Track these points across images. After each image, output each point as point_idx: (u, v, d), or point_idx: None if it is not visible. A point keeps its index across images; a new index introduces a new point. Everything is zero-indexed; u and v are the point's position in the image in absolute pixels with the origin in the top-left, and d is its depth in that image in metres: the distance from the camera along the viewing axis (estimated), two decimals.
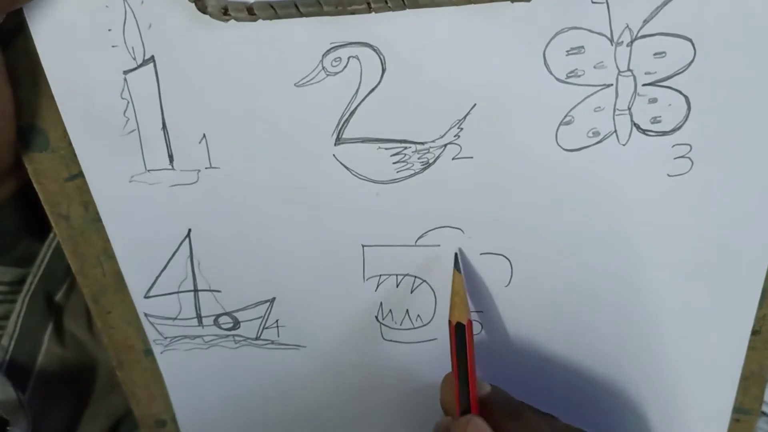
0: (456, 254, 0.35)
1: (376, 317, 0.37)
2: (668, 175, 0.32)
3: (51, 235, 0.42)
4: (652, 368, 0.38)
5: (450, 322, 0.34)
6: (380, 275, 0.36)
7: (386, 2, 0.28)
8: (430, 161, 0.32)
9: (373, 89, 0.31)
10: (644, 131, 0.31)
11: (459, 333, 0.34)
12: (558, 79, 0.30)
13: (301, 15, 0.29)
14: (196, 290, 0.37)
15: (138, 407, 0.41)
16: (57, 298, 0.43)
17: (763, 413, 0.46)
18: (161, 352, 0.39)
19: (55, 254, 0.42)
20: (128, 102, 0.31)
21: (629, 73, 0.30)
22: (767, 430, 0.46)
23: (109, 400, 0.46)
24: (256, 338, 0.39)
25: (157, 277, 0.36)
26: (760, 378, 0.38)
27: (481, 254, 0.35)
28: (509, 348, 0.38)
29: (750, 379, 0.38)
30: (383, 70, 0.30)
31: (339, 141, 0.32)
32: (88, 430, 0.46)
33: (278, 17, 0.29)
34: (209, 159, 0.33)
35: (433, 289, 0.36)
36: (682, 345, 0.37)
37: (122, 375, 0.40)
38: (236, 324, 0.38)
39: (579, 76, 0.30)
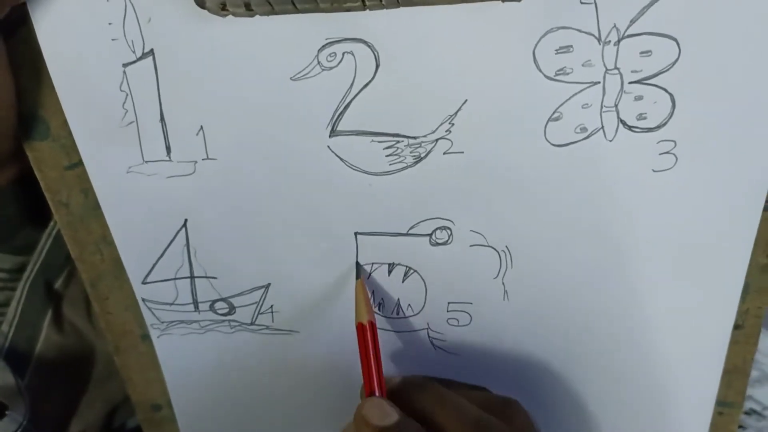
0: (356, 263, 0.36)
1: None
2: (653, 171, 0.33)
3: (51, 223, 0.42)
4: (637, 361, 0.38)
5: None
6: (373, 263, 0.36)
7: (380, 0, 0.29)
8: (422, 155, 0.33)
9: (367, 84, 0.31)
10: (630, 127, 0.32)
11: (362, 333, 0.35)
12: (547, 77, 0.30)
13: (297, 11, 0.29)
14: (192, 277, 0.37)
15: (134, 392, 0.42)
16: (56, 286, 0.44)
17: (755, 411, 0.47)
18: (158, 337, 0.40)
19: (55, 243, 0.42)
20: (127, 94, 0.32)
21: (616, 71, 0.30)
22: (758, 428, 0.46)
23: (107, 387, 0.47)
24: (251, 323, 0.39)
25: (154, 264, 0.37)
26: (743, 372, 0.38)
27: (470, 246, 0.35)
28: (498, 340, 0.38)
29: (733, 372, 0.38)
30: (377, 66, 0.31)
31: (333, 133, 0.33)
32: (86, 416, 0.46)
33: (275, 13, 0.29)
34: (206, 150, 0.33)
35: (423, 279, 0.37)
36: (666, 339, 0.37)
37: (119, 360, 0.41)
38: (232, 309, 0.38)
39: (567, 73, 0.30)
